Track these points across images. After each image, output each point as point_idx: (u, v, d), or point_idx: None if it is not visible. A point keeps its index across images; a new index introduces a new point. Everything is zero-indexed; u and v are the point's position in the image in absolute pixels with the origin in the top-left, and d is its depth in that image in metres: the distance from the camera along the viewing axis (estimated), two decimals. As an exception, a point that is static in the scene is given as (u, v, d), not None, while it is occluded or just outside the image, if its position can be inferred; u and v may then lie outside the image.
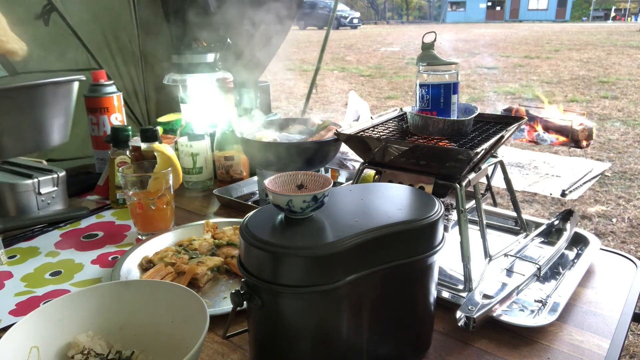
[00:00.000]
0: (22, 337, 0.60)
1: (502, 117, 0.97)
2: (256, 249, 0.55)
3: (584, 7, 34.89)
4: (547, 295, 0.81)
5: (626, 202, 3.14)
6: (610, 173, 3.66)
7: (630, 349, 1.85)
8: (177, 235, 1.01)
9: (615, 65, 8.72)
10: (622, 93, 6.45)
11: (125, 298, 0.68)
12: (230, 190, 1.29)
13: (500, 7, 36.90)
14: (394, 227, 0.58)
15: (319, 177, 0.63)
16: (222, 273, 0.89)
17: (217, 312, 0.75)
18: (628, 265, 0.91)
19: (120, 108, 1.43)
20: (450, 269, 0.87)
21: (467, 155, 0.76)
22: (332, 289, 0.55)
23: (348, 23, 21.71)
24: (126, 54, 2.01)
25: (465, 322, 0.68)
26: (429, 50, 0.89)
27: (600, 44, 12.56)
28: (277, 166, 1.08)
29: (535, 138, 3.35)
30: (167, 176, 1.04)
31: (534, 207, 3.07)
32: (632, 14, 33.13)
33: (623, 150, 4.15)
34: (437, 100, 0.87)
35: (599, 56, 10.05)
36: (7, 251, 1.00)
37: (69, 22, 1.82)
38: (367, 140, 0.87)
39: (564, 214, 1.00)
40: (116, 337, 0.66)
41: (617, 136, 4.56)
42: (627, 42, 12.72)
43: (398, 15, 41.52)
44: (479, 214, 0.86)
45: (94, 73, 1.40)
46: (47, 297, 0.83)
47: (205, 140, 1.33)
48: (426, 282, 0.64)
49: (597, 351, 0.68)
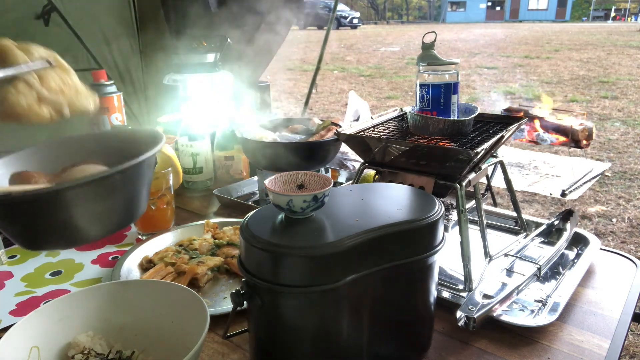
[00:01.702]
0: (22, 337, 0.60)
1: (502, 117, 0.97)
2: (256, 248, 0.56)
3: (584, 7, 34.89)
4: (547, 295, 0.81)
5: (626, 202, 3.14)
6: (610, 173, 3.66)
7: (630, 349, 1.85)
8: (177, 235, 1.01)
9: (615, 65, 8.72)
10: (622, 93, 6.45)
11: (125, 298, 0.68)
12: (230, 190, 1.29)
13: (500, 7, 36.90)
14: (394, 227, 0.58)
15: (319, 177, 0.63)
16: (222, 273, 0.89)
17: (217, 312, 0.75)
18: (628, 265, 0.91)
19: (120, 108, 1.43)
20: (450, 269, 0.87)
21: (467, 155, 0.76)
22: (332, 289, 0.55)
23: (348, 23, 21.70)
24: (126, 53, 2.01)
25: (465, 322, 0.68)
26: (429, 50, 0.89)
27: (600, 44, 12.57)
28: (277, 166, 1.08)
29: (535, 138, 3.35)
30: (167, 176, 1.04)
31: (534, 207, 3.07)
32: (632, 14, 33.13)
33: (623, 150, 4.15)
34: (437, 100, 0.87)
35: (599, 56, 10.05)
36: (7, 251, 1.00)
37: (69, 22, 1.82)
38: (367, 140, 0.87)
39: (564, 214, 1.00)
40: (116, 337, 0.66)
41: (617, 136, 4.56)
42: (627, 42, 12.72)
43: (398, 15, 41.52)
44: (479, 214, 0.86)
45: (94, 73, 1.40)
46: (47, 297, 0.83)
47: (205, 140, 1.33)
48: (426, 282, 0.64)
49: (597, 351, 0.68)
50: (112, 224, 0.55)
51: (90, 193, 0.50)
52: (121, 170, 0.50)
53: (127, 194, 0.54)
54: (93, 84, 1.40)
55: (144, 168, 0.55)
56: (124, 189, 0.53)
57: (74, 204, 0.49)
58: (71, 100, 0.52)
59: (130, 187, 0.54)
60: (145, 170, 0.56)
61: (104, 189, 0.51)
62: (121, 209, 0.55)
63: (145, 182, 0.58)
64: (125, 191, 0.54)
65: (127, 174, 0.52)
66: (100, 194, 0.51)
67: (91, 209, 0.51)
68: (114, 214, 0.54)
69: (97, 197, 0.51)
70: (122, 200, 0.54)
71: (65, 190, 0.48)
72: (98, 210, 0.52)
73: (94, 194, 0.50)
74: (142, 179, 0.57)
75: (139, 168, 0.54)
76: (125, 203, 0.55)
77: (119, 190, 0.53)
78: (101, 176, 0.50)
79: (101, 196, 0.51)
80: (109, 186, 0.51)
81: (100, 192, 0.51)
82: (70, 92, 0.53)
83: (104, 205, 0.52)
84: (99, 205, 0.52)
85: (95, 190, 0.50)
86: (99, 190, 0.50)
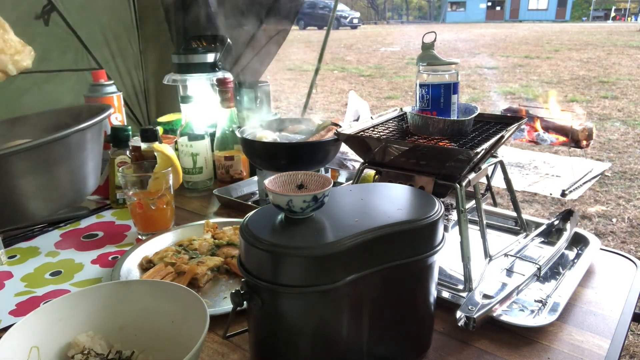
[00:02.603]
0: (22, 337, 0.60)
1: (502, 117, 0.97)
2: (256, 248, 0.56)
3: (584, 7, 34.88)
4: (547, 295, 0.81)
5: (626, 202, 3.14)
6: (610, 173, 3.66)
7: (630, 349, 1.85)
8: (177, 235, 1.01)
9: (615, 65, 8.72)
10: (622, 93, 6.45)
11: (125, 298, 0.67)
12: (230, 190, 1.29)
13: (500, 7, 36.89)
14: (394, 227, 0.58)
15: (319, 177, 0.63)
16: (222, 273, 0.89)
17: (217, 312, 0.75)
18: (628, 265, 0.91)
19: (120, 108, 1.43)
20: (450, 269, 0.87)
21: (467, 155, 0.76)
22: (332, 289, 0.55)
23: (348, 23, 21.70)
24: (126, 53, 2.01)
25: (465, 322, 0.68)
26: (429, 50, 0.89)
27: (600, 44, 12.56)
28: (277, 166, 1.08)
29: (535, 138, 3.35)
30: (167, 176, 1.04)
31: (534, 207, 3.07)
32: (632, 14, 33.11)
33: (623, 150, 4.15)
34: (437, 100, 0.87)
35: (599, 56, 10.05)
36: (7, 251, 0.99)
37: (69, 22, 1.82)
38: (367, 140, 0.87)
39: (564, 214, 1.00)
40: (116, 337, 0.66)
41: (617, 136, 4.56)
42: (627, 42, 12.72)
43: (398, 15, 41.51)
44: (479, 214, 0.86)
45: (94, 73, 1.40)
46: (47, 297, 0.83)
47: (205, 140, 1.33)
48: (426, 282, 0.64)
49: (597, 351, 0.68)
50: (58, 200, 0.52)
51: (30, 162, 0.46)
52: (60, 137, 0.47)
53: (69, 166, 0.51)
54: (93, 84, 1.40)
55: (87, 138, 0.51)
56: (66, 160, 0.50)
57: (13, 175, 0.46)
58: (14, 58, 0.50)
59: (73, 159, 0.50)
60: (89, 140, 0.52)
61: (45, 158, 0.47)
62: (66, 182, 0.52)
63: (90, 154, 0.54)
64: (68, 163, 0.50)
65: (68, 142, 0.48)
66: (40, 164, 0.47)
67: (32, 181, 0.48)
68: (58, 189, 0.51)
69: (37, 167, 0.47)
70: (65, 172, 0.51)
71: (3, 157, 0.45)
72: (39, 183, 0.49)
73: (35, 164, 0.46)
74: (85, 150, 0.53)
75: (81, 137, 0.50)
76: (70, 176, 0.52)
77: (60, 161, 0.49)
78: (39, 143, 0.46)
79: (42, 166, 0.48)
80: (50, 155, 0.47)
81: (41, 162, 0.47)
82: (10, 51, 0.51)
83: (45, 177, 0.49)
84: (40, 177, 0.48)
85: (35, 160, 0.46)
86: (40, 160, 0.47)
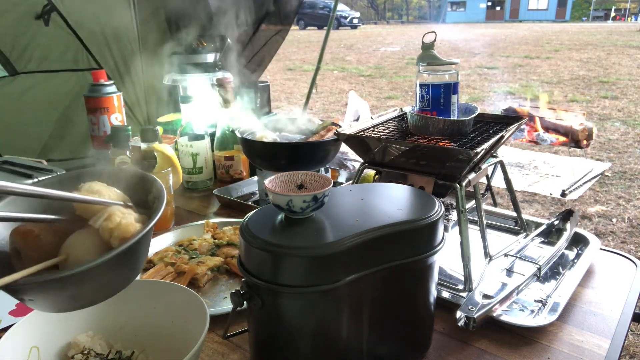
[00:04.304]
0: (22, 337, 0.60)
1: (502, 117, 0.97)
2: (256, 249, 0.56)
3: (584, 7, 34.87)
4: (547, 295, 0.81)
5: (626, 202, 3.14)
6: (610, 173, 3.66)
7: (630, 349, 1.85)
8: (177, 235, 1.01)
9: (615, 65, 8.72)
10: (622, 93, 6.45)
11: (125, 298, 0.67)
12: (230, 190, 1.29)
13: (500, 7, 36.88)
14: (393, 227, 0.58)
15: (319, 177, 0.63)
16: (222, 273, 0.89)
17: (217, 312, 0.75)
18: (628, 265, 0.91)
19: (120, 108, 1.43)
20: (450, 269, 0.87)
21: (467, 155, 0.76)
22: (332, 289, 0.55)
23: (348, 23, 21.69)
24: (126, 53, 2.01)
25: (465, 322, 0.68)
26: (429, 50, 0.89)
27: (600, 44, 12.56)
28: (277, 166, 1.08)
29: (535, 138, 3.35)
30: (167, 176, 1.04)
31: (534, 207, 3.07)
32: (632, 14, 33.10)
33: (623, 150, 4.15)
34: (437, 100, 0.87)
35: (599, 56, 10.04)
36: (7, 251, 0.99)
37: (69, 22, 1.82)
38: (367, 140, 0.87)
39: (564, 214, 1.00)
40: (116, 337, 0.66)
41: (617, 136, 4.56)
42: (627, 42, 12.72)
43: (398, 15, 41.51)
44: (479, 214, 0.86)
45: (94, 73, 1.40)
46: (47, 297, 0.83)
47: (205, 140, 1.33)
48: (426, 282, 0.64)
49: (597, 351, 0.68)
50: (117, 288, 0.55)
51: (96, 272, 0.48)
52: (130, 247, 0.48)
53: (131, 264, 0.54)
54: (93, 84, 1.40)
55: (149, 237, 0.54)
56: (130, 260, 0.53)
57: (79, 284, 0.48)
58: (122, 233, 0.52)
59: (135, 257, 0.53)
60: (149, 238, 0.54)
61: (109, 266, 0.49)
62: (126, 274, 0.54)
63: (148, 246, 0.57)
64: (130, 261, 0.53)
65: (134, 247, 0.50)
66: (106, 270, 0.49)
67: (96, 283, 0.50)
68: (119, 280, 0.54)
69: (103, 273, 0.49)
70: (127, 269, 0.54)
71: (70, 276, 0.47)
72: (104, 282, 0.51)
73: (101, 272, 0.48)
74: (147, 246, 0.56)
75: (146, 238, 0.53)
76: (129, 271, 0.55)
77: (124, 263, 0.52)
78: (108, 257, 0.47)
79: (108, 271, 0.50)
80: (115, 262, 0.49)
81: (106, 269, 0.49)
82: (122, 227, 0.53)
83: (110, 276, 0.51)
84: (105, 277, 0.50)
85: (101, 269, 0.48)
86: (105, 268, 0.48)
